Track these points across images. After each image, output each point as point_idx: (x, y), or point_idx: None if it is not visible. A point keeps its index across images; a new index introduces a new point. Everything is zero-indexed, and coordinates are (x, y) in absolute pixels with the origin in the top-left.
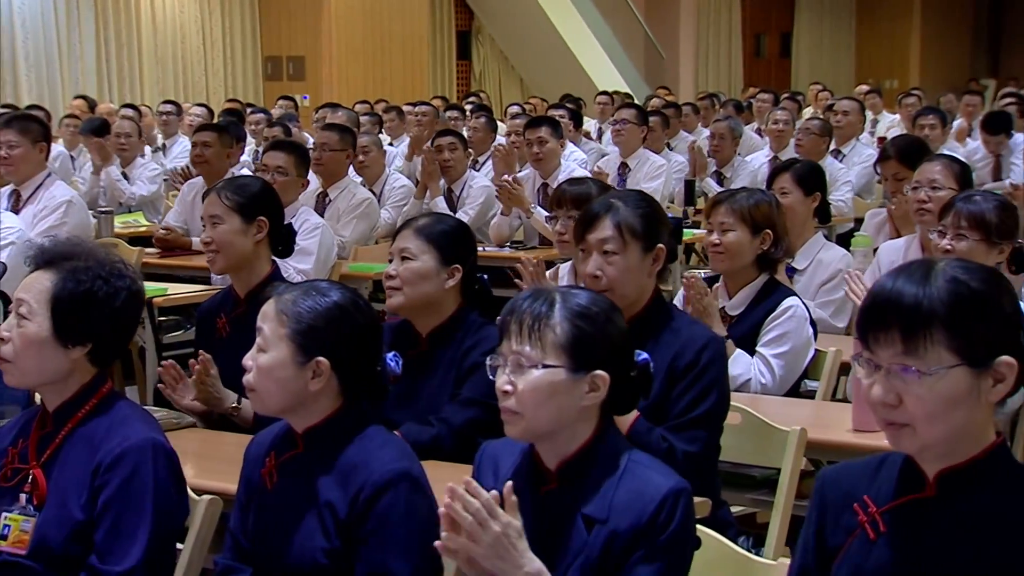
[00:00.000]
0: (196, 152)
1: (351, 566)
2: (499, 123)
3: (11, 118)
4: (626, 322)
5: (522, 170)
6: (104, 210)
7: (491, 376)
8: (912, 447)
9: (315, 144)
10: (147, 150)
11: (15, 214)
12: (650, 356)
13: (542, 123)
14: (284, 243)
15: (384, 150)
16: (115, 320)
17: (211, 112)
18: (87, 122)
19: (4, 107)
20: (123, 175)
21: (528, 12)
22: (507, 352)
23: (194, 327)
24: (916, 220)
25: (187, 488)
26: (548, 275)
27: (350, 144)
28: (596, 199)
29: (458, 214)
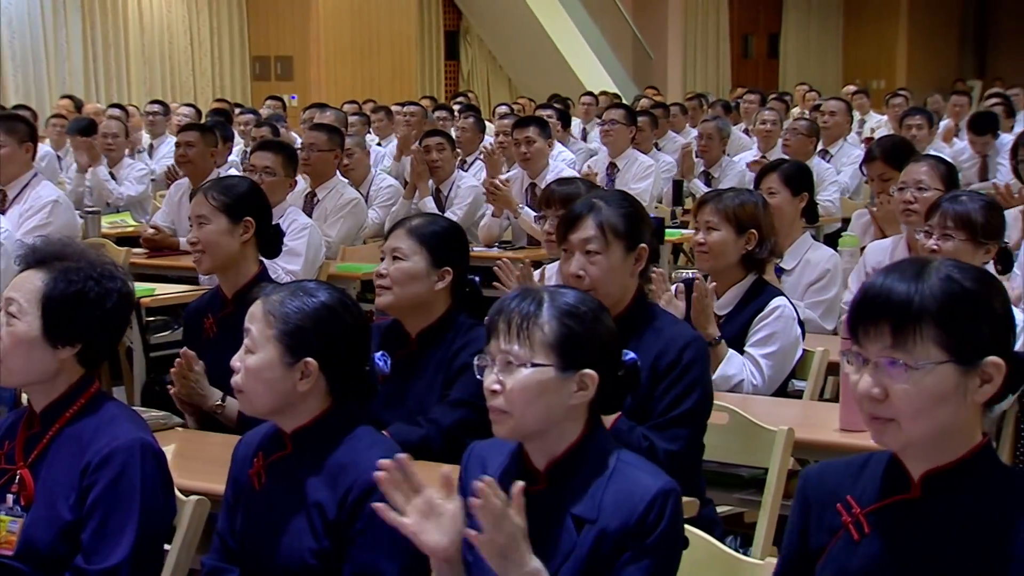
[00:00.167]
0: (180, 152)
1: (339, 567)
2: (487, 123)
3: None
4: None
5: (510, 170)
6: (91, 210)
7: (479, 376)
8: (896, 443)
9: (303, 144)
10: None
11: (1, 214)
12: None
13: (530, 123)
14: (271, 243)
15: (368, 151)
16: (105, 321)
17: (199, 112)
18: (74, 122)
19: None
20: (110, 175)
21: (516, 12)
22: (495, 351)
23: (182, 327)
24: (903, 221)
25: (175, 488)
26: (536, 275)
27: (338, 144)
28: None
29: (446, 214)
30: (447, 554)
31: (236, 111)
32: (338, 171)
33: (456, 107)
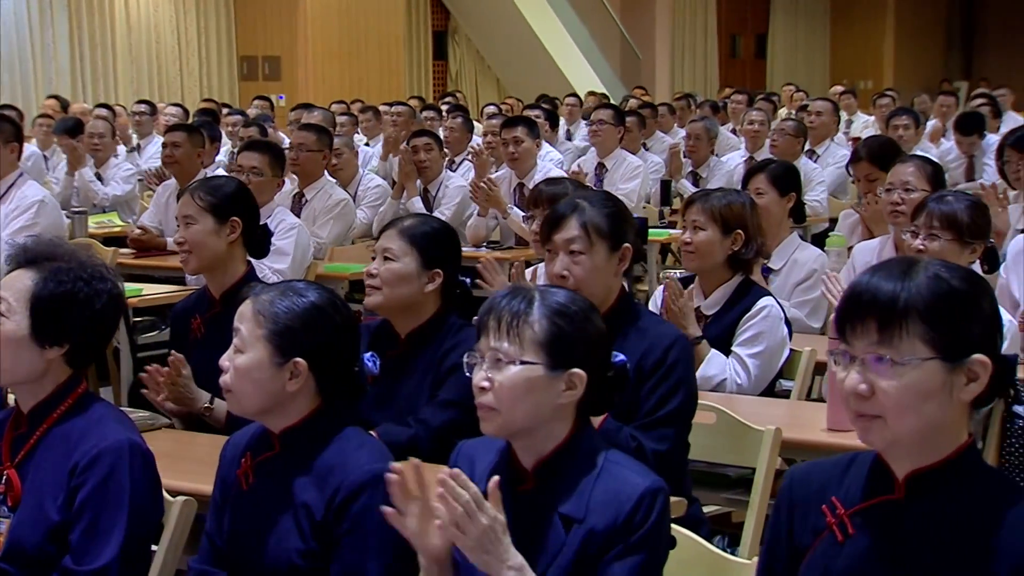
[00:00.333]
0: (166, 152)
1: (327, 567)
2: (475, 123)
3: None
4: None
5: (498, 170)
6: (78, 210)
7: (468, 373)
8: (882, 441)
9: (291, 144)
10: (121, 150)
11: None
12: None
13: (518, 123)
14: (259, 243)
15: (356, 151)
16: (94, 322)
17: (186, 112)
18: (60, 122)
19: None
20: (97, 176)
21: (504, 12)
22: (485, 349)
23: (169, 328)
24: (890, 221)
25: (163, 489)
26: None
27: (327, 144)
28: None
29: (434, 214)
30: (440, 555)
31: (224, 111)
32: (326, 171)
33: (444, 107)
